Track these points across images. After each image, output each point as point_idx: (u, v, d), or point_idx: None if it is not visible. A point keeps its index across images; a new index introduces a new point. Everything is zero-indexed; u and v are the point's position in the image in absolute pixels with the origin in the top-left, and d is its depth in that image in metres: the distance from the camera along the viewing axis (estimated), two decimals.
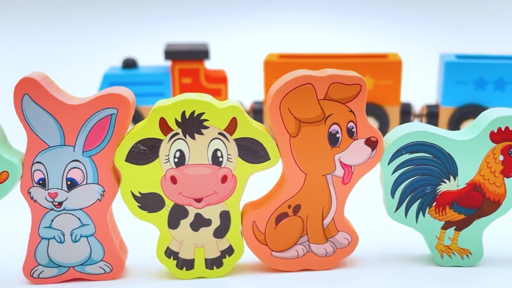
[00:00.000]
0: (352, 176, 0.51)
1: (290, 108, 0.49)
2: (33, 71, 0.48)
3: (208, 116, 0.48)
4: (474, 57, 0.95)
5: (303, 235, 0.52)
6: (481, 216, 0.52)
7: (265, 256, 0.53)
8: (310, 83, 0.48)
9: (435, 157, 0.51)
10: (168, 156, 0.48)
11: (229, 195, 0.50)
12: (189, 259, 0.52)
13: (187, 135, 0.48)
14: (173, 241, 0.51)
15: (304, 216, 0.52)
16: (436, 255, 0.54)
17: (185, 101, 0.47)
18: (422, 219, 0.52)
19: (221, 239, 0.51)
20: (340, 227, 0.52)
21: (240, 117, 0.48)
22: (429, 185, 0.51)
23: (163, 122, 0.48)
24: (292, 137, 0.49)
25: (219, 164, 0.49)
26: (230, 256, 0.52)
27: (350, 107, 0.49)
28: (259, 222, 0.52)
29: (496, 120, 0.49)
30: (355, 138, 0.50)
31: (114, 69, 0.99)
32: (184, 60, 0.96)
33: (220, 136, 0.48)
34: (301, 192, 0.51)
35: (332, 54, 0.98)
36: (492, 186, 0.51)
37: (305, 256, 0.53)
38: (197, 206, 0.50)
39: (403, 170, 0.51)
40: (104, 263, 0.51)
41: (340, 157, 0.50)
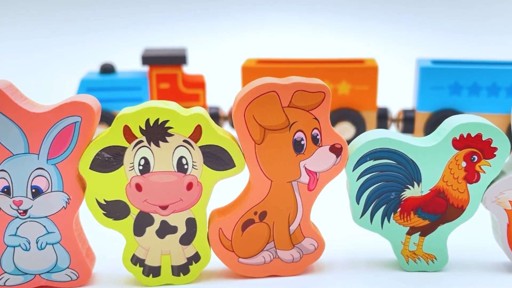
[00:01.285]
0: (318, 183, 0.51)
1: (254, 115, 0.49)
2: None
3: (173, 124, 0.48)
4: (449, 62, 0.96)
5: (269, 242, 0.53)
6: (445, 222, 0.53)
7: (232, 262, 0.53)
8: (274, 90, 0.49)
9: (399, 164, 0.51)
10: (132, 164, 0.49)
11: (194, 202, 0.50)
12: (156, 266, 0.52)
13: (152, 143, 0.48)
14: (139, 248, 0.51)
15: (270, 223, 0.52)
16: (402, 260, 0.54)
17: (149, 108, 0.48)
18: (387, 224, 0.53)
19: (188, 246, 0.51)
20: (306, 233, 0.53)
21: (205, 125, 0.48)
22: (394, 191, 0.52)
23: (127, 129, 0.48)
24: (257, 144, 0.50)
25: (184, 172, 0.49)
26: (196, 263, 0.52)
27: (314, 114, 0.50)
28: (225, 228, 0.52)
29: (458, 127, 0.50)
30: (320, 145, 0.50)
31: (92, 75, 0.99)
32: (161, 66, 0.96)
33: (185, 143, 0.49)
34: (267, 199, 0.51)
35: (310, 59, 0.99)
36: (456, 192, 0.51)
37: (272, 262, 0.53)
38: (162, 213, 0.50)
39: (367, 177, 0.52)
40: (70, 271, 0.51)
41: (305, 164, 0.51)
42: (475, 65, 0.92)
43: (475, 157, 0.50)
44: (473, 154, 0.50)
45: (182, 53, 0.97)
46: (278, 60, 1.00)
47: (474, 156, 0.50)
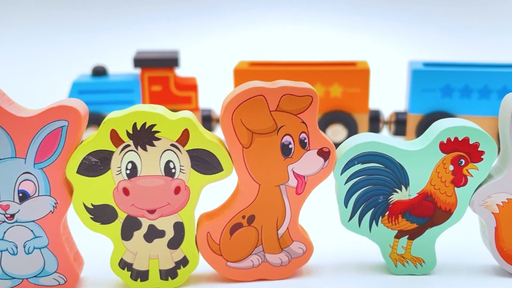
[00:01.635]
0: (306, 186, 0.51)
1: (242, 119, 0.49)
2: None
3: (160, 128, 0.48)
4: (441, 65, 0.96)
5: (258, 245, 0.53)
6: (433, 225, 0.53)
7: (220, 266, 0.53)
8: (261, 94, 0.49)
9: (387, 167, 0.51)
10: (120, 168, 0.49)
11: (182, 206, 0.50)
12: (144, 270, 0.52)
13: (139, 147, 0.48)
14: (127, 253, 0.51)
15: (258, 226, 0.52)
16: (390, 264, 0.54)
17: (136, 112, 0.48)
18: (375, 228, 0.53)
19: (176, 250, 0.51)
20: (294, 236, 0.53)
21: (192, 129, 0.48)
22: (382, 195, 0.52)
23: (114, 134, 0.48)
24: (245, 148, 0.50)
25: (172, 176, 0.49)
26: (185, 267, 0.52)
27: (302, 118, 0.49)
28: (213, 232, 0.52)
29: (445, 131, 0.50)
30: (308, 149, 0.50)
31: (84, 77, 0.99)
32: (153, 68, 0.96)
33: (172, 147, 0.49)
34: (255, 203, 0.51)
35: (302, 62, 0.99)
36: (443, 195, 0.52)
37: (260, 266, 0.53)
38: (150, 217, 0.50)
39: (355, 180, 0.52)
40: (58, 275, 0.51)
41: (293, 168, 0.51)
42: (467, 68, 0.92)
43: (463, 160, 0.51)
44: (461, 157, 0.50)
45: (174, 55, 0.97)
46: (271, 63, 1.00)
47: (462, 159, 0.51)
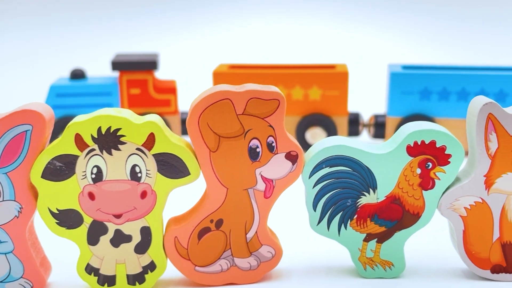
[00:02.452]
0: (274, 190, 0.51)
1: (209, 123, 0.49)
2: None
3: (125, 132, 0.47)
4: (419, 67, 0.97)
5: (226, 250, 0.52)
6: (402, 228, 0.53)
7: (189, 271, 0.53)
8: (228, 98, 0.48)
9: (354, 171, 0.51)
10: (85, 172, 0.48)
11: (149, 211, 0.50)
12: (111, 275, 0.51)
13: (104, 151, 0.48)
14: (94, 258, 0.51)
15: (226, 231, 0.52)
16: (360, 267, 0.54)
17: (100, 116, 0.47)
18: (344, 231, 0.53)
19: (143, 254, 0.51)
20: (263, 240, 0.53)
21: (158, 133, 0.48)
22: (350, 198, 0.52)
23: (79, 138, 0.47)
24: (212, 152, 0.50)
25: (138, 180, 0.49)
26: (152, 271, 0.51)
27: (269, 122, 0.49)
28: (181, 237, 0.52)
29: (412, 134, 0.50)
30: (275, 153, 0.50)
31: (62, 80, 0.98)
32: (132, 71, 0.96)
33: (138, 151, 0.48)
34: (223, 207, 0.51)
35: (281, 64, 0.99)
36: (411, 198, 0.52)
37: (229, 270, 0.53)
38: (116, 222, 0.50)
39: (324, 184, 0.52)
40: (24, 280, 0.51)
41: (261, 171, 0.50)
42: (445, 71, 0.92)
43: (430, 164, 0.51)
44: (428, 161, 0.51)
45: (153, 58, 0.97)
46: (250, 66, 1.00)
47: (429, 163, 0.51)
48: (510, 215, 0.51)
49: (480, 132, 0.50)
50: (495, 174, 0.50)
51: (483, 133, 0.49)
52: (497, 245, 0.52)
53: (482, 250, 0.53)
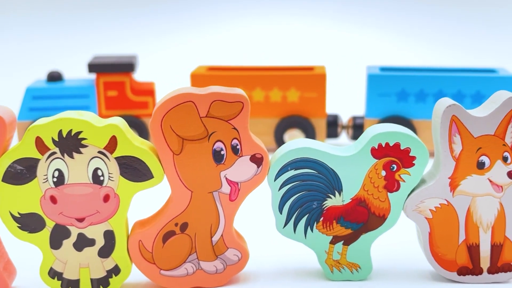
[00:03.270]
0: (239, 193, 0.51)
1: (172, 125, 0.48)
2: None
3: (86, 135, 0.47)
4: (397, 69, 0.97)
5: (192, 253, 0.52)
6: (368, 231, 0.52)
7: (154, 275, 0.52)
8: (191, 100, 0.48)
9: (320, 173, 0.51)
10: (46, 176, 0.48)
11: (112, 214, 0.49)
12: (74, 280, 0.51)
13: (65, 154, 0.47)
14: (57, 262, 0.50)
15: (192, 234, 0.52)
16: (326, 269, 0.54)
17: (61, 119, 0.47)
18: (310, 234, 0.53)
19: (107, 258, 0.50)
20: (229, 243, 0.52)
21: (120, 135, 0.48)
22: (315, 201, 0.52)
23: (40, 141, 0.47)
24: (175, 154, 0.49)
25: (100, 183, 0.48)
26: (117, 275, 0.51)
27: (233, 124, 0.49)
28: (145, 240, 0.51)
29: (376, 136, 0.50)
30: (240, 155, 0.50)
31: (39, 83, 0.98)
32: (108, 73, 0.95)
33: (100, 154, 0.48)
34: (187, 210, 0.51)
35: (260, 66, 0.99)
36: (376, 201, 0.52)
37: (195, 273, 0.52)
38: (79, 225, 0.49)
39: (289, 186, 0.52)
40: None
41: (226, 174, 0.50)
42: (422, 72, 0.93)
43: (394, 166, 0.50)
44: (392, 163, 0.50)
45: (130, 60, 0.96)
46: (229, 68, 0.99)
47: (393, 165, 0.50)
48: (475, 217, 0.52)
49: (444, 134, 0.50)
50: (459, 176, 0.50)
51: (447, 135, 0.49)
52: (463, 247, 0.52)
53: (448, 252, 0.53)
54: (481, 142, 0.50)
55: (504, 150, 0.50)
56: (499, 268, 0.53)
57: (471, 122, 0.49)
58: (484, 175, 0.50)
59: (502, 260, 0.53)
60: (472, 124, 0.49)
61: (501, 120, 0.49)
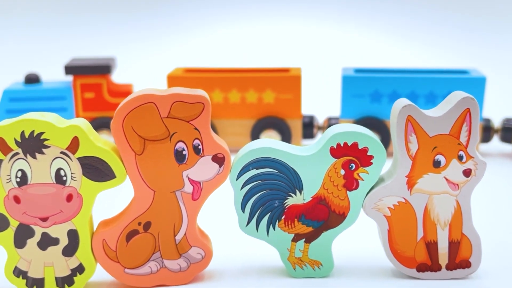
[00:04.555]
0: (202, 192, 0.52)
1: (133, 126, 0.49)
2: None
3: (49, 136, 0.48)
4: (371, 71, 0.98)
5: (155, 252, 0.53)
6: (329, 228, 0.54)
7: (118, 273, 0.53)
8: (152, 101, 0.49)
9: (281, 172, 0.52)
10: (9, 176, 0.48)
11: (75, 214, 0.50)
12: (39, 278, 0.52)
13: (28, 155, 0.48)
14: (21, 261, 0.51)
15: (155, 233, 0.52)
16: (289, 267, 0.55)
17: (23, 121, 0.48)
18: (272, 232, 0.54)
19: (71, 257, 0.51)
20: (193, 242, 0.53)
21: (82, 136, 0.48)
22: (277, 199, 0.53)
23: (2, 142, 0.48)
24: (137, 154, 0.50)
25: (63, 183, 0.49)
26: (81, 274, 0.52)
27: (194, 124, 0.50)
28: (109, 239, 0.52)
29: (335, 136, 0.51)
30: (202, 155, 0.51)
31: (16, 85, 0.98)
32: (85, 75, 0.96)
33: (62, 155, 0.49)
34: (150, 209, 0.52)
35: (236, 68, 1.00)
36: (336, 199, 0.53)
37: (159, 272, 0.53)
38: (43, 225, 0.50)
39: (251, 185, 0.53)
40: None
41: (188, 174, 0.51)
42: (395, 74, 0.94)
43: (353, 165, 0.52)
44: (351, 162, 0.52)
45: (107, 62, 0.97)
46: (205, 69, 1.00)
47: (352, 164, 0.52)
48: (432, 214, 0.53)
49: (400, 134, 0.51)
50: (416, 174, 0.52)
51: (403, 134, 0.51)
52: (421, 244, 0.54)
53: (407, 249, 0.54)
54: (437, 142, 0.51)
55: (459, 149, 0.51)
56: (457, 265, 0.54)
57: (427, 121, 0.51)
58: (440, 173, 0.52)
59: (460, 257, 0.54)
60: (428, 123, 0.51)
61: (456, 120, 0.50)
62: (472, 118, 0.51)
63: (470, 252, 0.54)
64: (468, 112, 0.51)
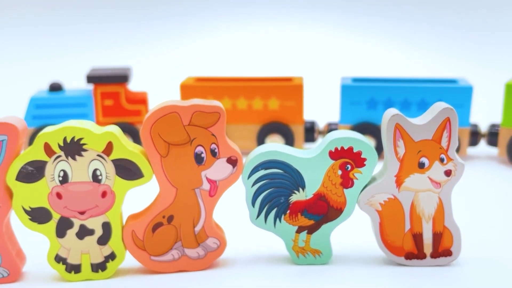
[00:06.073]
0: (218, 189, 0.59)
1: (159, 133, 0.57)
2: None
3: (87, 141, 0.56)
4: (368, 80, 1.06)
5: (177, 241, 0.61)
6: (328, 221, 0.61)
7: (145, 260, 0.61)
8: (175, 112, 0.57)
9: (286, 172, 0.60)
10: (53, 175, 0.56)
11: (109, 208, 0.58)
12: (77, 264, 0.59)
13: (69, 157, 0.56)
14: (62, 249, 0.59)
15: (177, 225, 0.60)
16: (293, 255, 0.63)
17: (66, 128, 0.55)
18: (279, 224, 0.61)
19: (104, 246, 0.59)
20: (209, 233, 0.61)
21: (115, 141, 0.56)
22: (283, 196, 0.61)
23: (47, 146, 0.55)
24: (163, 157, 0.58)
25: (99, 182, 0.57)
26: (113, 260, 0.60)
27: (212, 131, 0.58)
28: (137, 230, 0.60)
29: (333, 141, 0.59)
30: (218, 157, 0.59)
31: (41, 93, 1.07)
32: (105, 84, 1.04)
33: (98, 157, 0.56)
34: (173, 204, 0.60)
35: (243, 77, 1.08)
36: (334, 196, 0.60)
37: (180, 259, 0.61)
38: (81, 218, 0.58)
39: (260, 184, 0.60)
40: (2, 269, 0.59)
41: (206, 174, 0.59)
42: (389, 83, 1.02)
43: (349, 166, 0.59)
44: (347, 163, 0.59)
45: (125, 72, 1.05)
46: (215, 79, 1.08)
47: (348, 165, 0.59)
48: (418, 209, 0.60)
49: (390, 139, 0.58)
50: (403, 174, 0.59)
51: (392, 140, 0.58)
52: (409, 235, 0.61)
53: (397, 239, 0.61)
54: (421, 146, 0.58)
55: (440, 152, 0.59)
56: (440, 253, 0.62)
57: (412, 129, 0.58)
58: (424, 173, 0.59)
59: (442, 247, 0.61)
60: (413, 130, 0.58)
61: (437, 127, 0.58)
62: (451, 126, 0.58)
63: (451, 243, 0.62)
64: (448, 120, 0.58)
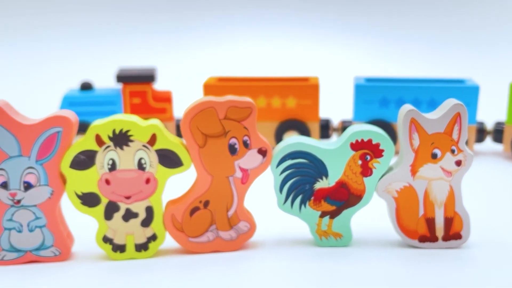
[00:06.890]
0: (249, 177, 0.65)
1: (198, 126, 0.63)
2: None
3: (133, 132, 0.61)
4: (380, 80, 1.12)
5: (212, 224, 0.66)
6: (348, 207, 0.67)
7: (183, 241, 0.66)
8: (212, 106, 0.63)
9: (310, 162, 0.65)
10: (103, 163, 0.62)
11: (152, 193, 0.64)
12: (122, 244, 0.65)
13: (117, 147, 0.62)
14: (109, 230, 0.64)
15: (212, 209, 0.66)
16: (316, 238, 0.68)
17: (114, 121, 0.61)
18: (304, 210, 0.67)
19: (147, 228, 0.65)
20: (241, 217, 0.67)
21: (159, 133, 0.62)
22: (308, 184, 0.66)
23: (98, 137, 0.61)
24: (200, 147, 0.64)
25: (143, 169, 0.63)
26: (154, 241, 0.65)
27: (244, 124, 0.63)
28: (177, 214, 0.66)
29: (354, 134, 0.64)
30: (250, 148, 0.64)
31: (73, 91, 1.13)
32: (133, 83, 1.10)
33: (143, 147, 0.62)
34: (209, 191, 0.65)
35: (263, 77, 1.14)
36: (355, 184, 0.66)
37: (214, 240, 0.67)
38: (126, 202, 0.64)
39: (287, 172, 0.66)
40: (54, 248, 0.64)
41: (239, 163, 0.65)
42: (400, 83, 1.08)
43: (368, 156, 0.65)
44: (366, 154, 0.65)
45: (151, 72, 1.11)
46: (236, 78, 1.14)
47: (367, 155, 0.65)
48: (431, 196, 0.66)
49: (405, 132, 0.64)
50: (418, 164, 0.65)
51: (407, 133, 0.64)
52: (422, 219, 0.67)
53: (411, 224, 0.67)
54: (434, 138, 0.64)
55: (451, 144, 0.64)
56: (451, 236, 0.67)
57: (426, 122, 0.64)
58: (437, 163, 0.65)
59: (453, 230, 0.67)
60: (427, 124, 0.64)
61: (449, 121, 0.64)
62: (462, 120, 0.64)
63: (461, 227, 0.67)
64: (459, 115, 0.64)
